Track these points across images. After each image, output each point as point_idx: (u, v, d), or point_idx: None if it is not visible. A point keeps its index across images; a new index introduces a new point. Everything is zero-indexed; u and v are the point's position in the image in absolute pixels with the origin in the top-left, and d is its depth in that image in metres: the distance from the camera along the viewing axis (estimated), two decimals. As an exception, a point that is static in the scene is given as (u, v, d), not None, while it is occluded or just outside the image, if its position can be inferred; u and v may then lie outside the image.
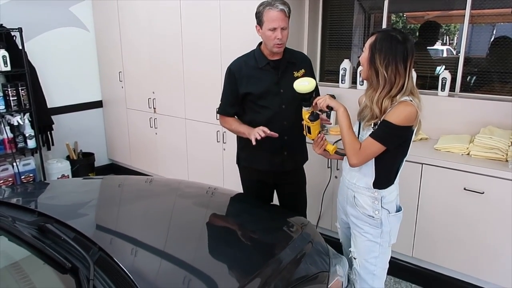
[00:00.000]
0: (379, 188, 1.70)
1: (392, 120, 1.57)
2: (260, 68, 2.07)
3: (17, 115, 3.47)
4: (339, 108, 1.68)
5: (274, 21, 1.94)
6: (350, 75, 3.16)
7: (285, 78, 2.04)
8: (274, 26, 1.94)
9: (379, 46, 1.57)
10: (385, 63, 1.57)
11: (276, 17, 1.93)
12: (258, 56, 2.09)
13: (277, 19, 1.93)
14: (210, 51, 3.24)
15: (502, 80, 2.70)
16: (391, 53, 1.56)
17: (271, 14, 1.94)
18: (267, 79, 2.07)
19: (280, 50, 2.03)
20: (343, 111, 1.68)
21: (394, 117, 1.57)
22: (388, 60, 1.56)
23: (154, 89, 3.84)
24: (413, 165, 2.40)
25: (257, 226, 1.78)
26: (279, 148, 2.13)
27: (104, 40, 4.21)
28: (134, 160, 4.33)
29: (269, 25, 1.95)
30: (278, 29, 1.94)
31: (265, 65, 2.07)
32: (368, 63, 1.61)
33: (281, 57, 2.08)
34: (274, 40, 1.96)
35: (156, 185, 2.28)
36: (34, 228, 1.44)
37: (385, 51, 1.56)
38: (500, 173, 2.16)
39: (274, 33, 1.95)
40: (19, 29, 3.37)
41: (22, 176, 3.63)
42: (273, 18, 1.94)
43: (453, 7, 2.88)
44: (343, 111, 1.68)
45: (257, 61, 2.08)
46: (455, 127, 2.68)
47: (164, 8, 3.50)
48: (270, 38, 1.97)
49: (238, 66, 2.11)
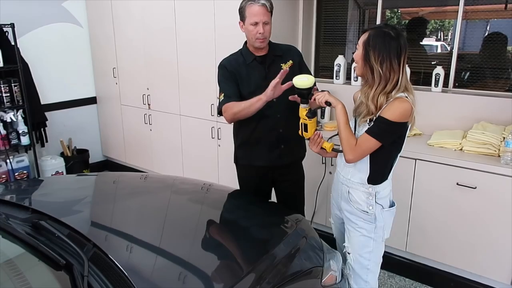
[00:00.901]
0: (373, 184, 1.72)
1: (388, 116, 1.58)
2: (248, 65, 2.10)
3: (10, 112, 3.45)
4: (337, 104, 1.69)
5: (255, 16, 1.97)
6: (345, 71, 3.16)
7: (273, 71, 2.03)
8: (255, 20, 1.98)
9: (373, 43, 1.58)
10: (380, 60, 1.57)
11: (257, 11, 1.97)
12: (245, 53, 2.12)
13: (259, 13, 1.97)
14: (204, 46, 3.23)
15: (495, 76, 2.72)
16: (385, 49, 1.56)
17: (252, 8, 1.98)
18: (256, 74, 2.10)
19: (262, 45, 2.06)
20: (341, 108, 1.68)
21: (390, 114, 1.58)
22: (383, 56, 1.57)
23: (148, 85, 3.83)
24: (407, 160, 2.42)
25: (251, 222, 1.79)
26: (275, 141, 2.14)
27: (98, 36, 4.18)
28: (128, 157, 4.32)
29: (250, 20, 1.99)
30: (260, 24, 1.98)
31: (252, 61, 2.10)
32: (362, 61, 1.62)
33: (267, 52, 2.11)
34: (256, 34, 2.00)
35: (151, 181, 2.27)
36: (28, 225, 1.44)
37: (379, 48, 1.57)
38: (493, 168, 2.18)
39: (256, 27, 1.99)
40: (11, 24, 3.33)
41: (16, 173, 3.61)
42: (255, 13, 1.97)
43: (446, 3, 2.89)
44: (341, 108, 1.68)
45: (245, 57, 2.11)
46: (448, 123, 2.70)
47: (158, 3, 3.48)
48: (252, 33, 2.01)
49: (229, 62, 2.14)
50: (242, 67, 2.11)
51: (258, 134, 2.14)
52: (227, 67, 2.12)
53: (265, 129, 2.12)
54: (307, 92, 1.75)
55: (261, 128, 2.11)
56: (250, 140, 2.17)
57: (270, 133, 2.13)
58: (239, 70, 2.11)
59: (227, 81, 2.12)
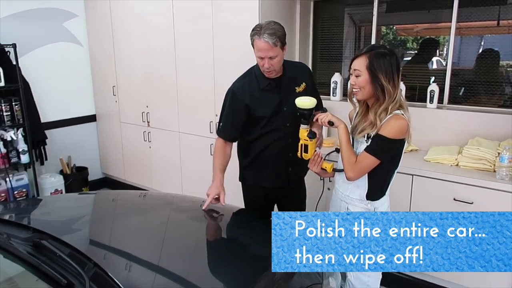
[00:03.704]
0: (372, 200, 1.74)
1: (385, 133, 1.61)
2: (262, 89, 2.04)
3: (10, 130, 3.47)
4: (340, 124, 1.72)
5: (260, 51, 1.91)
6: (341, 88, 3.20)
7: (287, 96, 2.02)
8: (260, 55, 1.92)
9: (377, 65, 1.61)
10: (388, 78, 1.61)
11: (261, 47, 1.89)
12: (259, 75, 2.05)
13: (263, 49, 1.89)
14: (203, 65, 3.28)
15: (488, 92, 2.76)
16: (389, 67, 1.62)
17: (257, 43, 1.91)
18: (271, 100, 2.05)
19: (271, 76, 2.01)
20: (344, 127, 1.71)
21: (387, 131, 1.61)
22: (390, 74, 1.62)
23: (148, 103, 3.87)
24: (404, 176, 2.44)
25: (251, 239, 1.79)
26: (284, 164, 2.12)
27: (98, 55, 4.24)
28: (128, 174, 4.33)
29: (257, 53, 1.94)
30: (266, 59, 1.91)
31: (267, 85, 2.04)
32: (371, 84, 1.63)
33: (282, 74, 2.05)
34: (262, 67, 1.96)
35: (150, 199, 2.29)
36: (29, 245, 1.45)
37: (385, 68, 1.61)
38: (488, 184, 2.21)
39: (262, 61, 1.93)
40: (13, 45, 3.39)
41: (15, 191, 3.61)
42: (259, 48, 1.91)
43: (440, 20, 2.95)
44: (344, 127, 1.71)
45: (258, 81, 2.04)
46: (444, 138, 2.73)
47: (158, 24, 3.55)
48: (260, 65, 1.97)
49: (241, 88, 2.06)
50: (256, 91, 2.04)
51: (268, 156, 2.11)
52: (237, 95, 2.05)
53: (276, 152, 2.10)
54: (308, 113, 1.78)
55: (272, 150, 2.09)
56: (259, 161, 2.15)
57: (280, 156, 2.09)
58: (253, 94, 2.04)
59: (229, 113, 2.08)
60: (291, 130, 2.02)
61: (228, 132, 2.12)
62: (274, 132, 2.07)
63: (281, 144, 2.07)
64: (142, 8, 3.65)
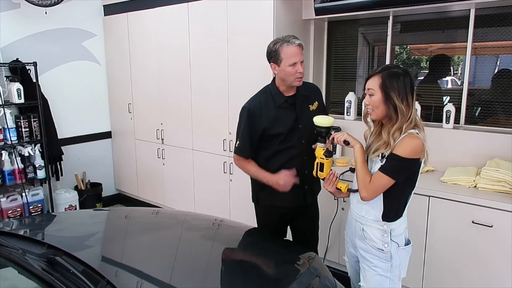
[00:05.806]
0: (388, 221, 1.71)
1: (399, 153, 1.60)
2: (278, 106, 2.07)
3: (28, 146, 3.54)
4: (355, 144, 1.72)
5: (294, 56, 1.97)
6: (355, 107, 3.20)
7: (302, 113, 2.07)
8: (294, 61, 1.97)
9: (390, 85, 1.62)
10: (401, 98, 1.62)
11: (295, 52, 1.97)
12: (275, 94, 2.09)
13: (297, 54, 1.98)
14: (217, 85, 3.32)
15: (506, 112, 2.72)
16: (403, 86, 1.62)
17: (290, 50, 1.97)
18: (287, 117, 2.07)
19: (301, 83, 2.05)
20: (359, 147, 1.72)
21: (401, 150, 1.60)
22: (403, 93, 1.62)
23: (162, 121, 3.91)
24: (420, 197, 2.39)
25: (264, 259, 1.77)
26: (301, 183, 2.10)
27: (115, 74, 4.33)
28: (141, 191, 4.35)
29: (289, 61, 1.97)
30: (298, 63, 1.98)
31: (283, 103, 2.08)
32: (384, 104, 1.64)
33: (296, 92, 2.10)
34: (295, 74, 1.99)
35: (162, 217, 2.29)
36: (43, 261, 1.45)
37: (398, 87, 1.62)
38: (508, 206, 2.14)
39: (295, 67, 1.97)
40: (34, 63, 3.50)
41: (31, 206, 3.65)
42: (293, 54, 1.97)
43: (455, 40, 2.93)
44: (359, 147, 1.72)
45: (275, 99, 2.08)
46: (461, 159, 2.68)
47: (174, 46, 3.62)
48: (291, 73, 1.99)
49: (257, 106, 2.08)
50: (272, 109, 2.07)
51: None
52: (253, 112, 2.07)
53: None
54: (325, 131, 1.79)
55: (289, 168, 2.06)
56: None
57: (297, 175, 2.07)
58: (268, 112, 2.06)
59: (246, 130, 2.08)
60: (307, 148, 2.04)
61: (246, 150, 2.12)
62: (290, 149, 2.08)
63: (297, 161, 2.07)
64: (158, 30, 3.74)
